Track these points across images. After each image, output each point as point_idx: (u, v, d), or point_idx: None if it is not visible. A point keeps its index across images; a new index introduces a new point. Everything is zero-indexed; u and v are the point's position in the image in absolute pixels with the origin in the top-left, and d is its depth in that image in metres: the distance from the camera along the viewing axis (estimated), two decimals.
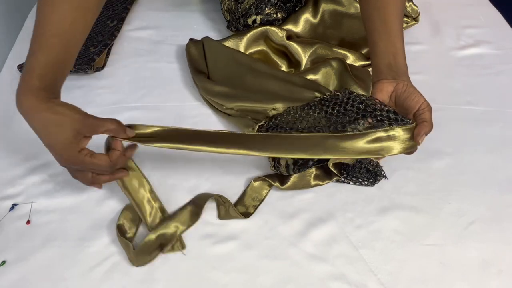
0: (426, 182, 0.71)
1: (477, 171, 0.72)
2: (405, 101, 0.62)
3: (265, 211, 0.68)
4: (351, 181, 0.71)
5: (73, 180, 0.72)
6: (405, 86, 0.62)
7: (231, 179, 0.72)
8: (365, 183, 0.70)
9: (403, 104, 0.62)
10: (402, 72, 0.64)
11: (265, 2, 0.88)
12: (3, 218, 0.68)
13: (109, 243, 0.65)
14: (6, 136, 0.79)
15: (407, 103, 0.62)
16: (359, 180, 0.70)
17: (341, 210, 0.68)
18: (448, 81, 0.87)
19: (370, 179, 0.70)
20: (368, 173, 0.70)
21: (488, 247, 0.64)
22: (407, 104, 0.62)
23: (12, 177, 0.73)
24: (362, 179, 0.70)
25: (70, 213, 0.68)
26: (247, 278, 0.61)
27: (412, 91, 0.62)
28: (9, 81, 0.89)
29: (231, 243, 0.65)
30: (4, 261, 0.63)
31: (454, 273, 0.61)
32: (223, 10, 0.95)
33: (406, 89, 0.62)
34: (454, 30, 0.97)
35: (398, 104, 0.63)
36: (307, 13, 0.90)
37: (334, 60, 0.82)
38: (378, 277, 0.61)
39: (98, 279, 0.61)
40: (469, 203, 0.68)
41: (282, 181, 0.69)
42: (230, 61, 0.83)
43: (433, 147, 0.75)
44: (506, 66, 0.89)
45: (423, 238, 0.65)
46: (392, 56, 0.65)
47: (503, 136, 0.77)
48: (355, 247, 0.64)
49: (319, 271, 0.61)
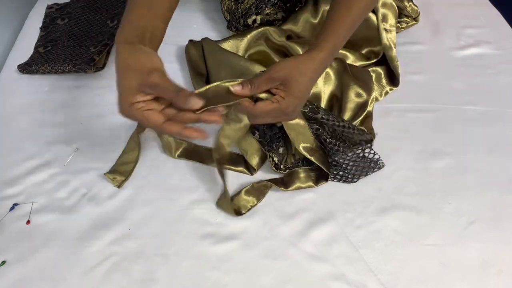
0: (426, 182, 0.71)
1: (477, 171, 0.72)
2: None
3: (265, 211, 0.68)
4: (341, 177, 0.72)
5: (73, 180, 0.73)
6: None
7: (231, 179, 0.72)
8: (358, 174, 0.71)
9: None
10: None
11: (265, 2, 0.88)
12: (3, 218, 0.68)
13: (109, 243, 0.65)
14: (6, 136, 0.79)
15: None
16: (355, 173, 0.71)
17: (341, 210, 0.68)
18: (448, 81, 0.87)
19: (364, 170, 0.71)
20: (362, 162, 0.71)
21: (488, 247, 0.64)
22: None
23: (12, 177, 0.73)
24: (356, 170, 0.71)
25: (70, 213, 0.68)
26: (247, 278, 0.61)
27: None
28: (9, 81, 0.89)
29: (231, 243, 0.65)
30: (4, 261, 0.63)
31: (454, 273, 0.61)
32: (223, 10, 0.95)
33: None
34: (454, 30, 0.97)
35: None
36: (307, 13, 0.90)
37: (334, 60, 0.81)
38: (378, 277, 0.61)
39: (98, 279, 0.61)
40: (469, 203, 0.68)
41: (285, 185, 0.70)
42: (227, 65, 0.83)
43: (433, 147, 0.75)
44: (506, 66, 0.89)
45: (423, 238, 0.65)
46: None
47: (503, 136, 0.77)
48: (355, 247, 0.64)
49: (319, 271, 0.61)
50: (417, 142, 0.76)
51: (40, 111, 0.83)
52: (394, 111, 0.81)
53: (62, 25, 0.98)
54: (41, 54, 0.92)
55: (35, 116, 0.83)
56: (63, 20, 0.99)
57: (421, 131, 0.78)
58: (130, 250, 0.64)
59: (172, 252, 0.64)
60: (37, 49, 0.94)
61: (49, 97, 0.85)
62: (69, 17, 1.00)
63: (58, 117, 0.82)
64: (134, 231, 0.66)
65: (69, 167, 0.74)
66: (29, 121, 0.82)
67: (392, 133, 0.77)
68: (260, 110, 0.57)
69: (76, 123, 0.81)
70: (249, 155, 0.72)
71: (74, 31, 0.96)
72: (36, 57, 0.91)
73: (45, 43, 0.94)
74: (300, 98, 0.58)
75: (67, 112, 0.83)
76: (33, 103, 0.85)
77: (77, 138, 0.78)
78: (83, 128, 0.80)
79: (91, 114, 0.82)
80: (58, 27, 0.98)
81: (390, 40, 0.85)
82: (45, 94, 0.86)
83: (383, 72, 0.86)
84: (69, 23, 0.98)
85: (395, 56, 0.85)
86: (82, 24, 0.98)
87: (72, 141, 0.78)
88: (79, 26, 0.97)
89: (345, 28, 0.62)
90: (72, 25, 0.98)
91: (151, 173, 0.73)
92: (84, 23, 0.98)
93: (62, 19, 1.00)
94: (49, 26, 0.99)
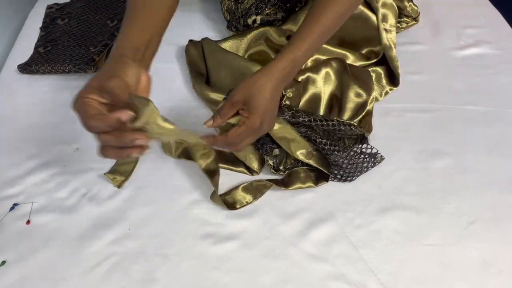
0: (426, 182, 0.71)
1: (477, 171, 0.72)
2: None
3: (265, 211, 0.68)
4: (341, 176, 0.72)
5: (73, 180, 0.73)
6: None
7: (231, 179, 0.72)
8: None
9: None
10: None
11: (265, 2, 0.88)
12: (3, 218, 0.68)
13: (109, 243, 0.65)
14: (6, 136, 0.79)
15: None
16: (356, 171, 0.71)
17: (341, 210, 0.68)
18: (448, 81, 0.87)
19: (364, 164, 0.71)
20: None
21: (488, 247, 0.64)
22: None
23: (12, 177, 0.73)
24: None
25: (70, 213, 0.68)
26: (247, 278, 0.61)
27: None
28: (9, 81, 0.89)
29: (231, 243, 0.65)
30: (4, 261, 0.63)
31: (454, 273, 0.61)
32: (223, 10, 0.95)
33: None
34: (454, 30, 0.97)
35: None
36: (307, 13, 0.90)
37: (334, 60, 0.82)
38: (378, 277, 0.61)
39: (98, 279, 0.61)
40: (469, 203, 0.68)
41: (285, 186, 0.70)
42: (227, 65, 0.83)
43: (433, 147, 0.75)
44: (506, 66, 0.89)
45: (423, 238, 0.65)
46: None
47: (503, 136, 0.77)
48: (355, 247, 0.64)
49: (319, 271, 0.61)
50: (417, 142, 0.76)
51: (40, 111, 0.83)
52: (394, 111, 0.81)
53: (62, 25, 0.98)
54: (41, 54, 0.92)
55: (35, 116, 0.83)
56: (63, 20, 0.99)
57: (421, 131, 0.78)
58: (130, 250, 0.64)
59: (172, 252, 0.64)
60: (37, 49, 0.94)
61: (49, 97, 0.85)
62: (69, 17, 1.00)
63: (58, 117, 0.82)
64: (134, 231, 0.66)
65: (69, 167, 0.74)
66: (29, 121, 0.82)
67: (392, 133, 0.77)
68: (232, 137, 0.59)
69: (76, 123, 0.80)
70: (248, 160, 0.73)
71: (74, 31, 0.96)
72: (36, 57, 0.91)
73: (45, 43, 0.95)
74: (264, 111, 0.59)
75: (67, 112, 0.82)
76: (33, 103, 0.85)
77: (77, 138, 0.78)
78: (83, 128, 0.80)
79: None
80: (58, 27, 0.98)
81: (390, 40, 0.85)
82: (45, 94, 0.86)
83: (383, 72, 0.86)
84: (69, 23, 0.98)
85: (395, 56, 0.85)
86: (82, 24, 0.98)
87: (72, 141, 0.78)
88: (79, 26, 0.97)
89: (311, 38, 0.62)
90: (72, 25, 0.98)
91: (151, 173, 0.73)
92: (84, 23, 0.98)
93: (62, 19, 1.00)
94: (49, 26, 0.99)
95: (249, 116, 0.59)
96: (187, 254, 0.64)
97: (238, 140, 0.60)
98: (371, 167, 0.72)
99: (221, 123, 0.61)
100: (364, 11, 0.87)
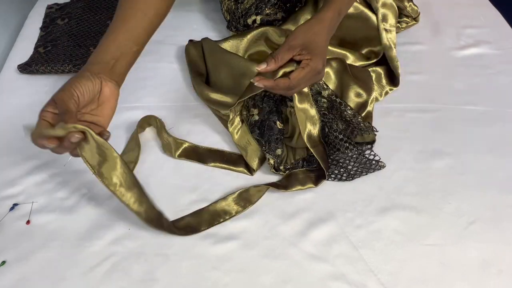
0: (426, 182, 0.71)
1: (477, 171, 0.72)
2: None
3: (265, 211, 0.68)
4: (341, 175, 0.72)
5: (73, 180, 0.73)
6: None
7: (231, 179, 0.72)
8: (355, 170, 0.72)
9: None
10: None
11: (265, 2, 0.88)
12: (3, 218, 0.68)
13: (109, 243, 0.65)
14: (6, 136, 0.79)
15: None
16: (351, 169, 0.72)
17: (341, 210, 0.68)
18: (448, 81, 0.87)
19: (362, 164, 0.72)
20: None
21: (488, 247, 0.64)
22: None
23: (12, 177, 0.73)
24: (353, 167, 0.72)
25: (70, 213, 0.68)
26: (247, 278, 0.61)
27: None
28: (9, 81, 0.89)
29: (231, 243, 0.65)
30: (4, 261, 0.63)
31: (454, 273, 0.61)
32: (223, 10, 0.95)
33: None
34: (454, 30, 0.97)
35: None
36: (307, 13, 0.90)
37: (334, 60, 0.82)
38: (378, 277, 0.61)
39: (98, 279, 0.61)
40: (469, 203, 0.68)
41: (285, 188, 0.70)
42: (227, 65, 0.83)
43: (433, 147, 0.75)
44: (506, 66, 0.89)
45: (423, 238, 0.65)
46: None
47: (503, 136, 0.77)
48: (355, 247, 0.64)
49: (319, 271, 0.61)
50: (417, 142, 0.76)
51: None
52: (394, 111, 0.81)
53: (62, 25, 0.98)
54: (41, 54, 0.92)
55: (35, 116, 0.82)
56: (63, 20, 0.99)
57: (421, 131, 0.78)
58: (130, 250, 0.64)
59: (172, 252, 0.64)
60: (37, 49, 0.94)
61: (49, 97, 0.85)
62: (69, 17, 1.00)
63: None
64: (134, 231, 0.66)
65: (69, 167, 0.74)
66: (29, 121, 0.81)
67: (392, 133, 0.77)
68: (296, 79, 0.62)
69: None
70: (248, 156, 0.73)
71: (74, 31, 0.96)
72: (36, 57, 0.91)
73: (45, 43, 0.95)
74: (322, 54, 0.63)
75: None
76: (33, 103, 0.84)
77: None
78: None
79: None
80: (58, 27, 0.98)
81: (390, 40, 0.85)
82: (45, 94, 0.86)
83: (383, 72, 0.86)
84: (69, 23, 0.98)
85: (395, 56, 0.85)
86: (82, 24, 0.98)
87: None
88: (79, 26, 0.97)
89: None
90: (72, 25, 0.98)
91: (151, 173, 0.73)
92: (84, 23, 0.98)
93: (62, 19, 1.00)
94: (49, 26, 0.99)
95: (312, 58, 0.61)
96: (187, 254, 0.64)
97: (300, 82, 0.62)
98: (371, 172, 0.72)
99: (274, 68, 0.62)
100: (364, 11, 0.87)
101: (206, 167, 0.74)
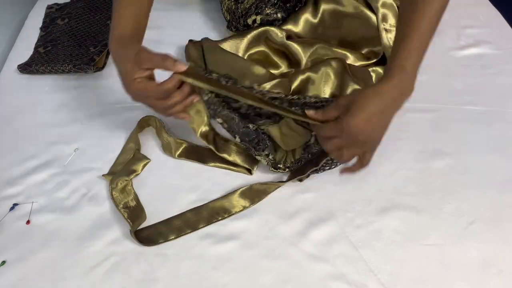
0: (426, 182, 0.71)
1: (477, 171, 0.72)
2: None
3: (265, 211, 0.68)
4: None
5: (73, 180, 0.73)
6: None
7: (231, 178, 0.72)
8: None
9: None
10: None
11: (265, 2, 0.88)
12: (3, 218, 0.68)
13: (109, 243, 0.65)
14: (6, 136, 0.79)
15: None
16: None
17: (341, 210, 0.68)
18: (448, 81, 0.87)
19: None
20: None
21: (488, 247, 0.64)
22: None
23: (12, 177, 0.73)
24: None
25: (70, 213, 0.68)
26: (247, 278, 0.61)
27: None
28: (9, 81, 0.89)
29: (231, 243, 0.65)
30: (4, 261, 0.63)
31: (454, 273, 0.61)
32: (223, 10, 0.95)
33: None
34: (454, 30, 0.97)
35: None
36: (307, 13, 0.90)
37: (334, 60, 0.81)
38: (378, 277, 0.61)
39: (98, 279, 0.61)
40: (469, 203, 0.68)
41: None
42: (227, 65, 0.83)
43: (433, 147, 0.75)
44: (506, 66, 0.89)
45: (423, 238, 0.65)
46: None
47: (503, 136, 0.77)
48: (355, 247, 0.64)
49: (319, 271, 0.61)
50: (417, 142, 0.76)
51: (40, 111, 0.83)
52: None
53: (62, 25, 0.98)
54: (41, 54, 0.92)
55: (35, 116, 0.83)
56: (63, 20, 0.99)
57: (421, 131, 0.78)
58: (130, 250, 0.64)
59: (172, 252, 0.64)
60: (37, 49, 0.94)
61: (49, 97, 0.86)
62: (69, 17, 1.00)
63: (58, 117, 0.82)
64: None
65: (69, 167, 0.74)
66: (29, 121, 0.82)
67: (392, 133, 0.77)
68: (322, 125, 0.60)
69: (76, 123, 0.81)
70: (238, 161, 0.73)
71: (74, 31, 0.96)
72: (36, 57, 0.91)
73: (45, 43, 0.95)
74: (363, 123, 0.56)
75: (67, 112, 0.83)
76: (33, 103, 0.85)
77: (77, 138, 0.78)
78: (83, 128, 0.80)
79: (91, 114, 0.82)
80: (58, 27, 0.98)
81: (390, 40, 0.85)
82: (45, 94, 0.86)
83: (383, 72, 0.86)
84: (69, 23, 0.98)
85: None
86: (82, 24, 0.98)
87: (72, 141, 0.78)
88: (79, 26, 0.97)
89: (413, 45, 0.63)
90: (72, 25, 0.98)
91: (151, 173, 0.73)
92: (84, 23, 0.98)
93: (62, 19, 1.00)
94: (49, 26, 0.99)
95: (343, 118, 0.56)
96: (187, 254, 0.64)
97: (325, 130, 0.59)
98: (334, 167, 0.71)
99: (321, 119, 0.60)
100: (364, 11, 0.87)
101: (206, 167, 0.74)
